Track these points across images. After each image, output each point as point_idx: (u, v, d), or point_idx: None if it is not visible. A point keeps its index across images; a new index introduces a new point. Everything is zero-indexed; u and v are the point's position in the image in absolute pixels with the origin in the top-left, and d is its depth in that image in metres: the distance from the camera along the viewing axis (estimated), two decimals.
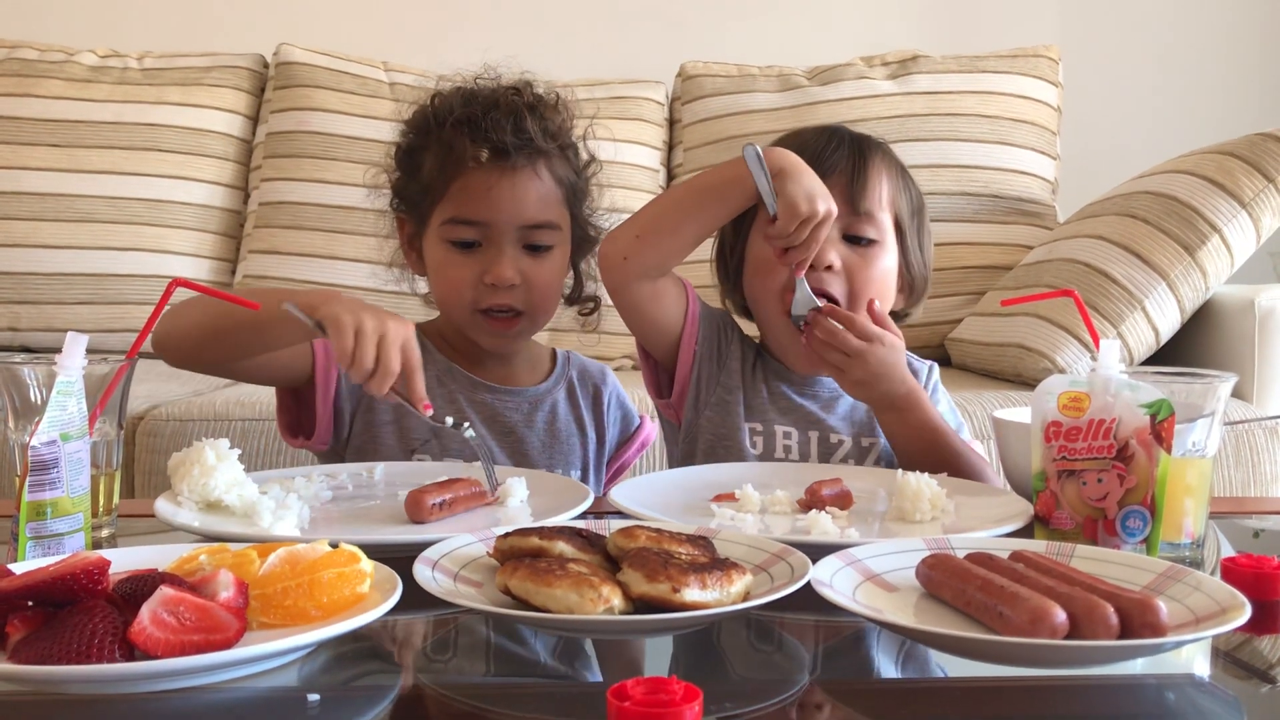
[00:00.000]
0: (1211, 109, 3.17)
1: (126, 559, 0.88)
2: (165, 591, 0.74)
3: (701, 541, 0.92)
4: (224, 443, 1.13)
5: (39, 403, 1.02)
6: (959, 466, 1.31)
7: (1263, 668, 0.89)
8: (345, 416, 1.45)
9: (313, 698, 0.77)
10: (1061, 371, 2.09)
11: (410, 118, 1.51)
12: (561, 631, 0.86)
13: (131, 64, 2.84)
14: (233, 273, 2.73)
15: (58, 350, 0.98)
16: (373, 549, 0.87)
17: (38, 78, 2.76)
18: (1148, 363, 2.16)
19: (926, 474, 1.15)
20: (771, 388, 1.46)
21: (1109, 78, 3.20)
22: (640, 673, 0.75)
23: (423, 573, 0.86)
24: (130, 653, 0.71)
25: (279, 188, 2.70)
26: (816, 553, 0.90)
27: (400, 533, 1.06)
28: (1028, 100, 2.75)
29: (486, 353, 1.51)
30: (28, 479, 0.93)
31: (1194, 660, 0.87)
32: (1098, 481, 1.02)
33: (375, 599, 0.81)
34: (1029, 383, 2.14)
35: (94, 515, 1.04)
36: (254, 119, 2.88)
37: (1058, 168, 2.77)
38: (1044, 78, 2.79)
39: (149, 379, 2.13)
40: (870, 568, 0.91)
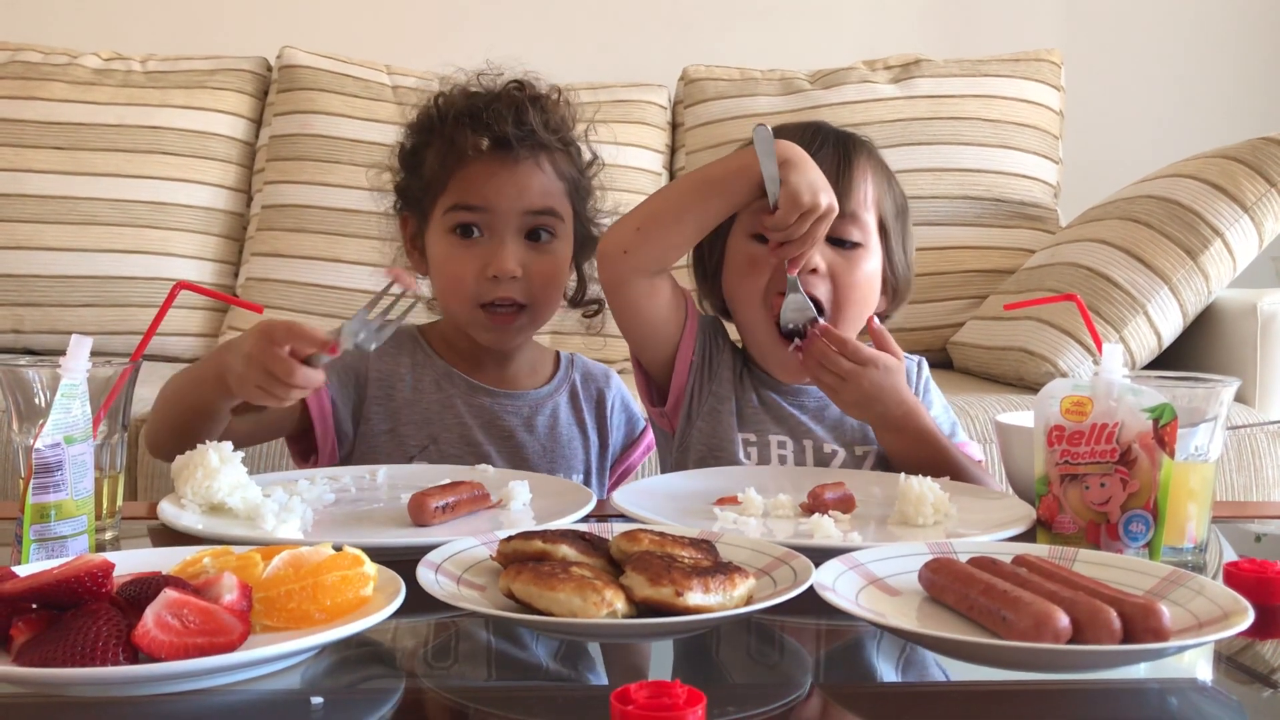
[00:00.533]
0: (1214, 113, 3.17)
1: (130, 562, 0.88)
2: (169, 594, 0.74)
3: (704, 545, 0.92)
4: (227, 445, 1.13)
5: (43, 405, 1.02)
6: (960, 480, 1.30)
7: (1265, 672, 0.89)
8: (348, 433, 1.45)
9: (316, 701, 0.77)
10: (1064, 375, 2.08)
11: (414, 119, 1.52)
12: (564, 635, 0.86)
13: (135, 67, 2.84)
14: (235, 275, 2.73)
15: (61, 353, 0.98)
16: (376, 552, 0.87)
17: (41, 80, 2.76)
18: (1150, 367, 2.16)
19: (929, 478, 1.15)
20: (762, 396, 1.44)
21: (1111, 81, 3.20)
22: (643, 676, 0.75)
23: (426, 576, 0.86)
24: (134, 655, 0.72)
25: (282, 190, 2.70)
26: (819, 557, 0.91)
27: (403, 536, 1.06)
28: (1030, 104, 2.75)
29: (487, 355, 1.50)
30: (32, 481, 0.93)
31: (1196, 665, 0.87)
32: (1100, 486, 1.02)
33: (379, 602, 0.81)
34: (1031, 387, 2.14)
35: (97, 518, 1.04)
36: (257, 122, 2.88)
37: (1060, 171, 2.77)
38: (1046, 81, 2.79)
39: (151, 382, 2.12)
40: (873, 572, 0.91)
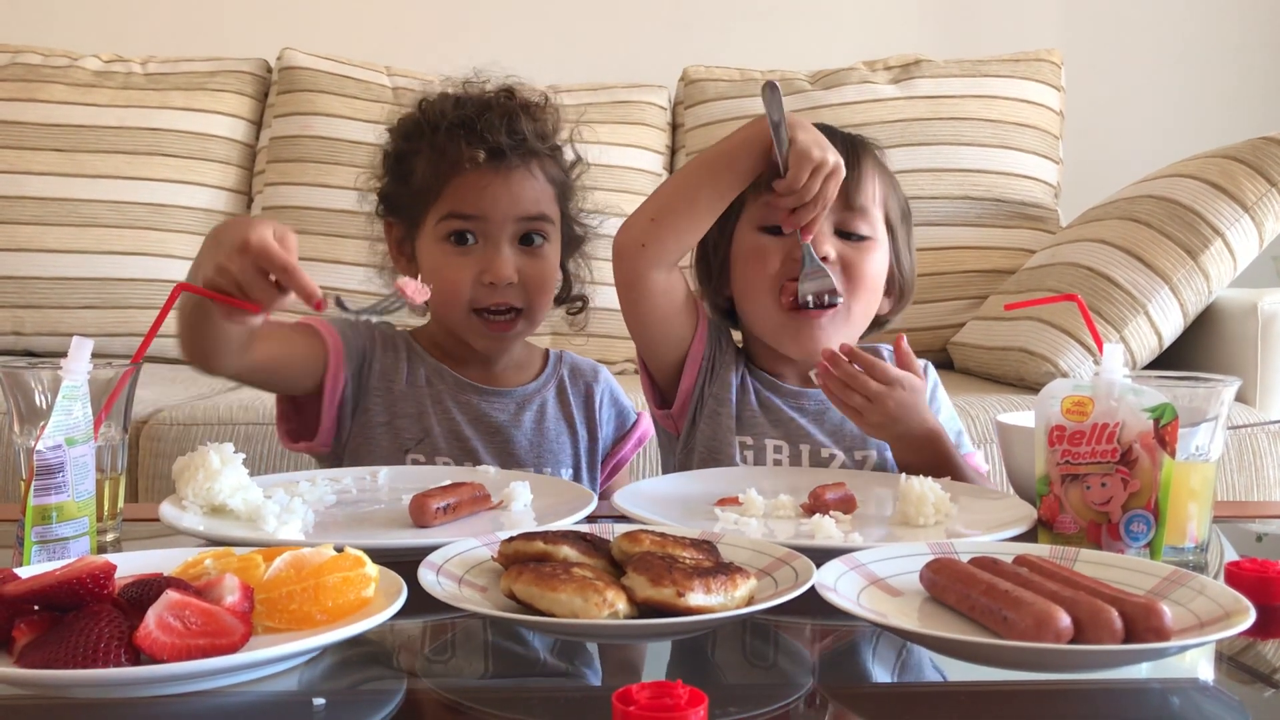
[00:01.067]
0: (1214, 112, 3.17)
1: (131, 563, 0.88)
2: (171, 596, 0.74)
3: (706, 546, 0.92)
4: (228, 447, 1.13)
5: (44, 407, 1.03)
6: None
7: (1267, 672, 0.89)
8: (346, 419, 1.46)
9: (318, 702, 0.77)
10: (1064, 376, 2.09)
11: (396, 124, 1.52)
12: (566, 636, 0.87)
13: (135, 69, 2.84)
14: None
15: (61, 354, 0.98)
16: (377, 553, 0.87)
17: (41, 82, 2.76)
18: (1150, 367, 2.16)
19: (930, 478, 1.15)
20: (762, 399, 1.45)
21: (1111, 81, 3.20)
22: (644, 677, 0.75)
23: (427, 577, 0.86)
24: (136, 657, 0.72)
25: (282, 192, 2.71)
26: (820, 557, 0.91)
27: (404, 537, 1.06)
28: (1030, 104, 2.75)
29: (474, 354, 1.51)
30: (33, 483, 0.93)
31: (1198, 664, 0.87)
32: (1101, 486, 1.02)
33: (380, 603, 0.81)
34: (1032, 387, 2.14)
35: (99, 519, 1.04)
36: (257, 123, 2.88)
37: (1060, 172, 2.77)
38: (1046, 81, 2.79)
39: (152, 383, 2.13)
40: (874, 572, 0.91)
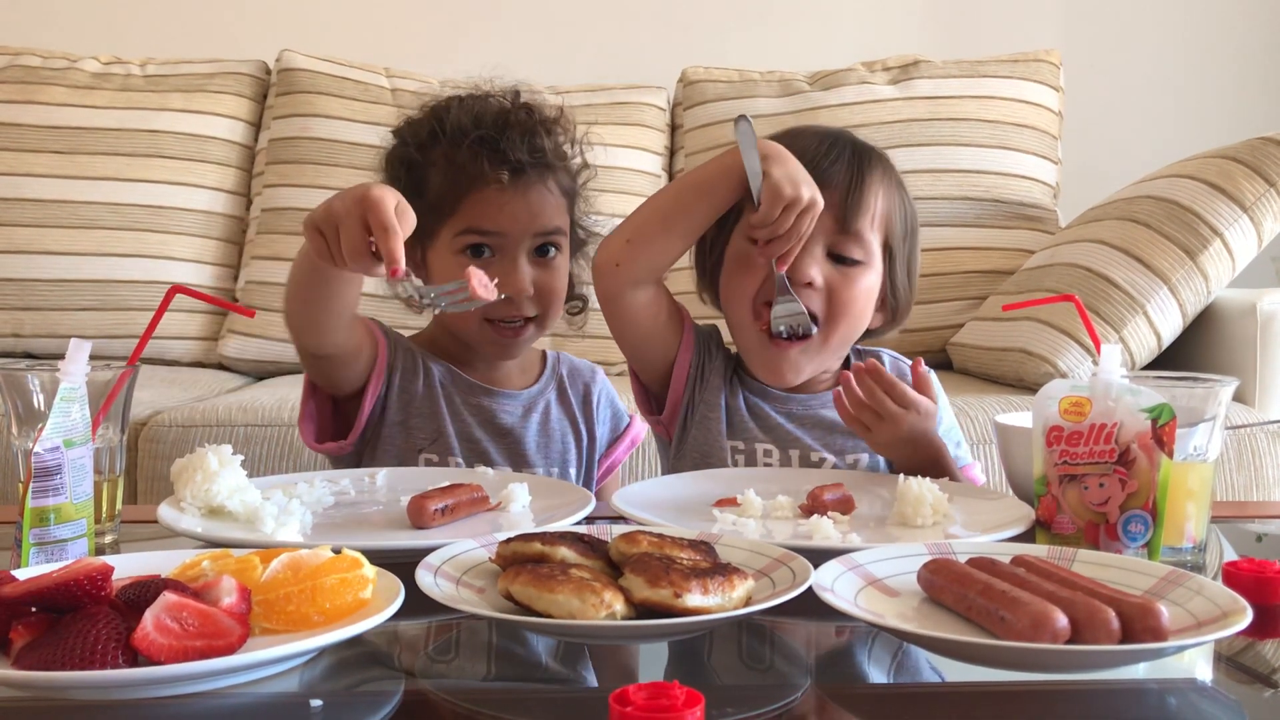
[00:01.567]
0: (1213, 113, 3.18)
1: (129, 565, 0.88)
2: (168, 597, 0.74)
3: (703, 547, 0.92)
4: (226, 448, 1.13)
5: (42, 409, 1.03)
6: None
7: (1265, 672, 0.89)
8: (375, 421, 1.45)
9: (315, 703, 0.77)
10: (1063, 376, 2.09)
11: (407, 128, 1.50)
12: (563, 637, 0.87)
13: (134, 70, 2.84)
14: (235, 279, 2.73)
15: (60, 356, 0.98)
16: (375, 554, 0.87)
17: (40, 84, 2.76)
18: (1149, 367, 2.16)
19: (928, 479, 1.15)
20: (750, 403, 1.44)
21: (1110, 82, 3.20)
22: (641, 678, 0.75)
23: (425, 578, 0.86)
24: (133, 658, 0.72)
25: (281, 194, 2.71)
26: (818, 558, 0.91)
27: (402, 538, 1.06)
28: (1029, 105, 2.75)
29: (477, 358, 1.51)
30: (31, 485, 0.93)
31: (1195, 665, 0.87)
32: (1099, 486, 1.02)
33: (378, 604, 0.81)
34: (1030, 387, 2.14)
35: (97, 521, 1.04)
36: (256, 125, 2.88)
37: (1059, 172, 2.77)
38: (1045, 82, 2.79)
39: (151, 385, 2.13)
40: (872, 573, 0.91)
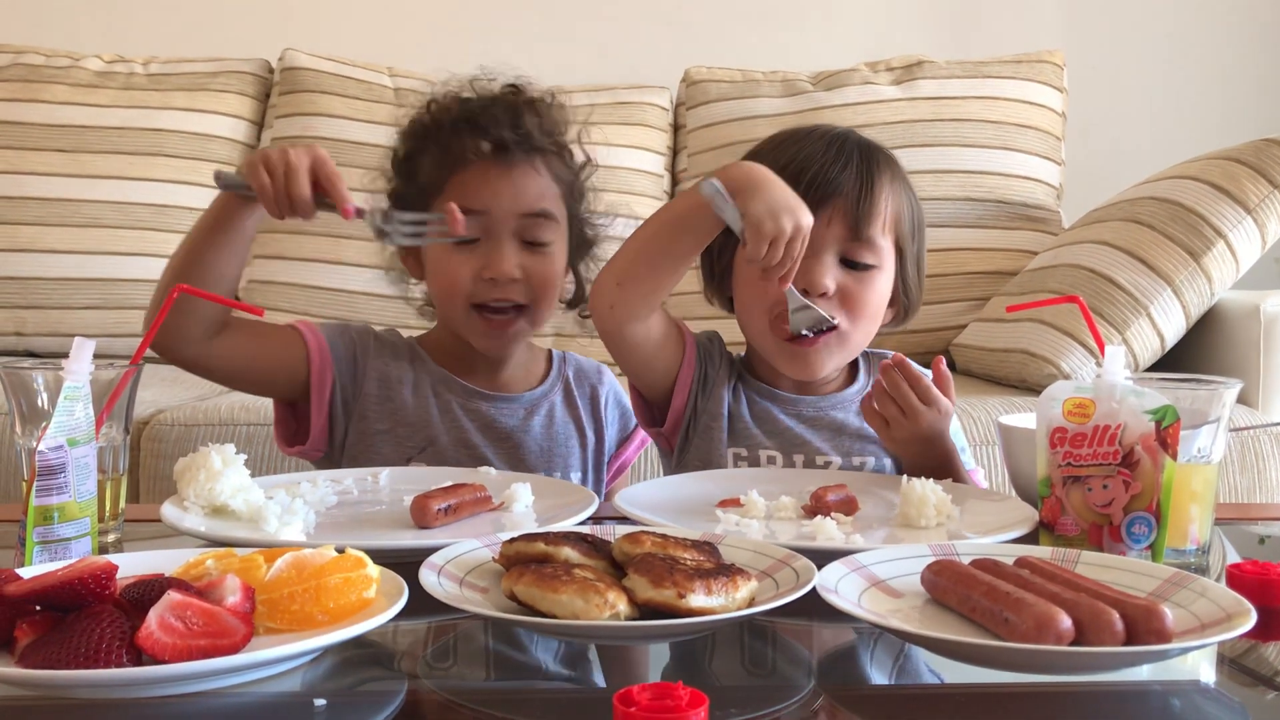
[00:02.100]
0: (1217, 114, 3.17)
1: (133, 564, 0.88)
2: (172, 596, 0.74)
3: (707, 547, 0.92)
4: (230, 448, 1.13)
5: (46, 407, 1.03)
6: None
7: (1268, 674, 0.89)
8: (339, 423, 1.45)
9: (319, 703, 0.77)
10: (1066, 377, 2.08)
11: (406, 126, 1.52)
12: (567, 637, 0.87)
13: (137, 69, 2.84)
14: (237, 278, 2.73)
15: (63, 355, 0.98)
16: (379, 554, 0.87)
17: (43, 83, 2.76)
18: (1153, 369, 2.16)
19: (931, 480, 1.15)
20: (755, 408, 1.43)
21: (1114, 83, 3.20)
22: (645, 678, 0.75)
23: (428, 578, 0.86)
24: (138, 657, 0.72)
25: None
26: (821, 559, 0.91)
27: (406, 538, 1.06)
28: (1032, 105, 2.75)
29: (481, 360, 1.50)
30: (35, 484, 0.93)
31: (1199, 667, 0.87)
32: (1103, 488, 1.01)
33: (381, 604, 0.81)
34: (1033, 388, 2.14)
35: (100, 520, 1.04)
36: (259, 124, 2.88)
37: (1062, 173, 2.77)
38: (1049, 83, 2.79)
39: (153, 384, 2.13)
40: (875, 574, 0.91)
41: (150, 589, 0.76)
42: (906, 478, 1.16)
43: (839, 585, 0.87)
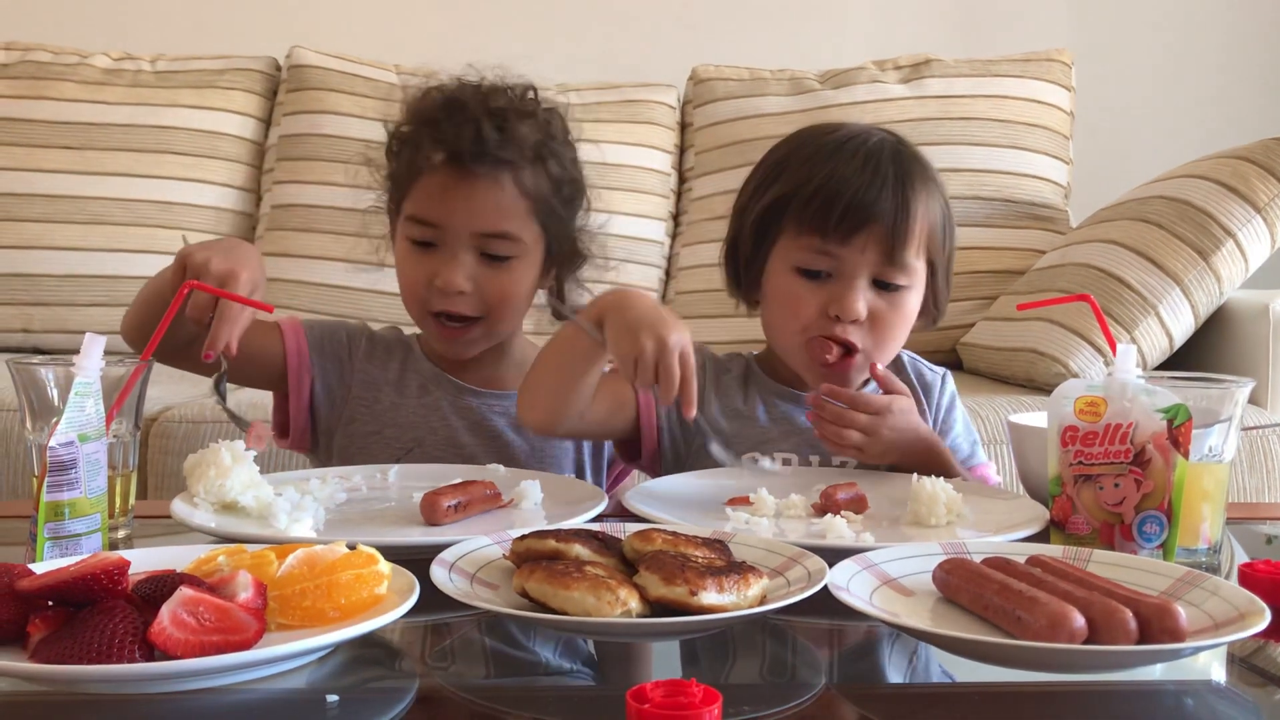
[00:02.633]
0: (1226, 113, 3.16)
1: (144, 560, 0.88)
2: (185, 592, 0.74)
3: (718, 545, 0.92)
4: (239, 444, 1.13)
5: (56, 404, 1.03)
6: None
7: None
8: (323, 423, 1.45)
9: (331, 699, 0.77)
10: (1075, 376, 2.08)
11: (392, 123, 1.48)
12: (579, 634, 0.87)
13: (144, 67, 2.84)
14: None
15: (70, 352, 0.98)
16: (389, 550, 0.87)
17: (51, 80, 2.77)
18: (1161, 368, 2.16)
19: (942, 478, 1.15)
20: (770, 409, 1.42)
21: (1122, 82, 3.19)
22: (655, 676, 0.75)
23: (439, 574, 0.86)
24: (150, 653, 0.72)
25: (291, 190, 2.71)
26: (832, 557, 0.90)
27: (416, 535, 1.06)
28: (1040, 104, 2.74)
29: (475, 361, 1.47)
30: (46, 479, 0.93)
31: (1211, 666, 0.87)
32: (1114, 486, 1.01)
33: (393, 601, 0.81)
34: (1042, 388, 2.14)
35: (110, 516, 1.04)
36: (266, 122, 2.88)
37: (1070, 172, 2.76)
38: (1057, 81, 2.78)
39: (161, 381, 2.12)
40: (886, 572, 0.91)
41: (162, 585, 0.76)
42: (917, 476, 1.16)
43: (850, 583, 0.86)
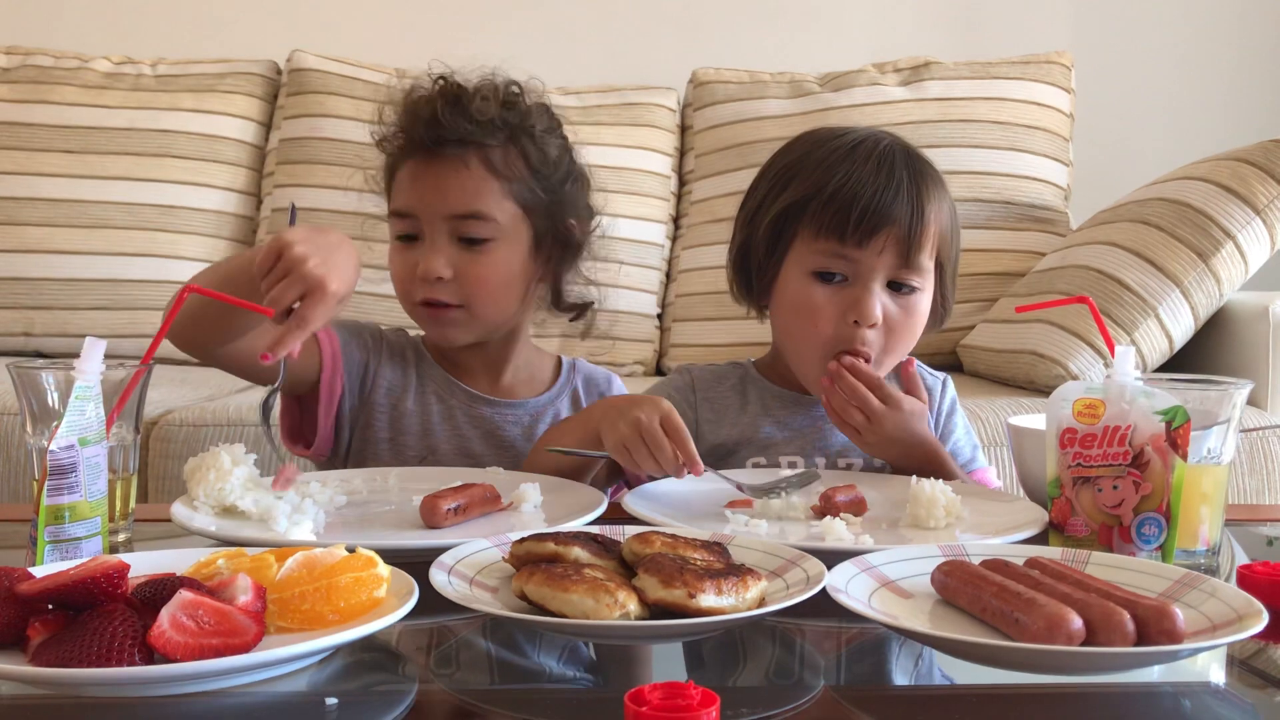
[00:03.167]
0: (1225, 115, 3.17)
1: (144, 563, 0.88)
2: (184, 595, 0.74)
3: (717, 547, 0.92)
4: (239, 447, 1.14)
5: (57, 407, 1.03)
6: None
7: (1278, 676, 0.89)
8: (345, 429, 1.44)
9: (330, 702, 0.77)
10: (1074, 378, 2.08)
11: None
12: (578, 636, 0.87)
13: (145, 70, 2.85)
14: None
15: (71, 356, 0.99)
16: (389, 554, 0.87)
17: (52, 84, 2.77)
18: (1161, 370, 2.16)
19: (941, 480, 1.15)
20: (773, 413, 1.42)
21: (1122, 84, 3.19)
22: (654, 678, 0.75)
23: (438, 577, 0.86)
24: (149, 656, 0.72)
25: (292, 194, 2.71)
26: (831, 559, 0.91)
27: (415, 538, 1.06)
28: (1040, 106, 2.75)
29: (479, 363, 1.48)
30: (46, 483, 0.93)
31: (1209, 668, 0.87)
32: (1113, 488, 1.01)
33: (392, 603, 0.81)
34: (1041, 389, 2.14)
35: (110, 519, 1.04)
36: (267, 125, 2.89)
37: (1070, 174, 2.76)
38: (1057, 84, 2.78)
39: (161, 384, 2.14)
40: (885, 574, 0.91)
41: (162, 588, 0.76)
42: (916, 478, 1.16)
43: (849, 585, 0.87)
